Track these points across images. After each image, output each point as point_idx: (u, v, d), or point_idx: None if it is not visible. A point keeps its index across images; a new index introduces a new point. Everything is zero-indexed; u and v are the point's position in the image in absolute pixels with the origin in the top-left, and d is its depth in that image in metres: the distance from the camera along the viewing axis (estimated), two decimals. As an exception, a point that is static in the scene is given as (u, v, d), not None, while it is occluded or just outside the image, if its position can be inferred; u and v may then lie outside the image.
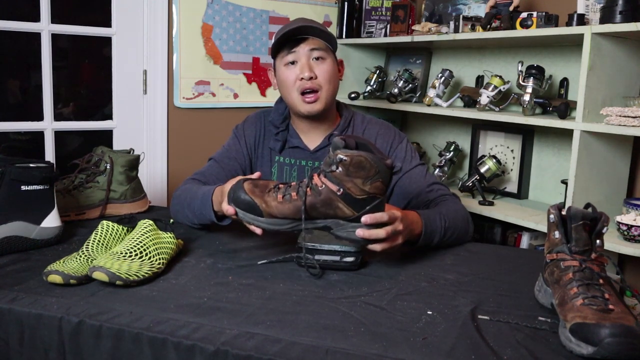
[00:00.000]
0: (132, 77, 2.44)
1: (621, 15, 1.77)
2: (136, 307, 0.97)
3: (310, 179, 1.11)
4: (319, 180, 1.10)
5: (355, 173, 1.08)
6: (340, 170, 1.08)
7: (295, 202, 1.10)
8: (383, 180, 1.11)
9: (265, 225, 1.13)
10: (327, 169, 1.10)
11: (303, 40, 1.47)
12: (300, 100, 1.49)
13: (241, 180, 1.17)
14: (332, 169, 1.09)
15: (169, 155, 2.54)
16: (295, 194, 1.10)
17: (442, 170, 2.52)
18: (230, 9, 2.61)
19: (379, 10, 2.83)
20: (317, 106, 1.49)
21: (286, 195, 1.11)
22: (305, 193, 1.10)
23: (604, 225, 0.98)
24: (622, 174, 2.04)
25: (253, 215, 1.12)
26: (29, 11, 2.25)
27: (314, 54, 1.48)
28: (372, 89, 2.78)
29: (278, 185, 1.14)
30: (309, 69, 1.47)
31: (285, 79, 1.50)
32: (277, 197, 1.11)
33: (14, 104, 2.77)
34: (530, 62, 2.20)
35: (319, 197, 1.10)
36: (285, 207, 1.11)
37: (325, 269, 1.17)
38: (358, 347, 0.86)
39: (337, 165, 1.08)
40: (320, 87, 1.48)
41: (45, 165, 1.28)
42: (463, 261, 1.28)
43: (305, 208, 1.09)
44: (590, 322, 0.85)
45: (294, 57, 1.48)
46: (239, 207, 1.14)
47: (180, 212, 1.44)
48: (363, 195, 1.10)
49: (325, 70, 1.49)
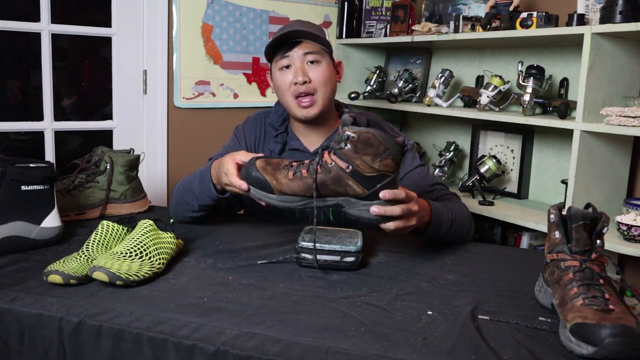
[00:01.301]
0: (132, 77, 2.45)
1: (621, 15, 1.77)
2: (136, 307, 0.97)
3: (320, 157, 1.12)
4: (328, 158, 1.11)
5: (364, 150, 1.07)
6: (349, 147, 1.08)
7: (306, 179, 1.11)
8: (394, 157, 1.10)
9: (276, 202, 1.13)
10: (337, 146, 1.10)
11: (297, 44, 1.47)
12: (296, 105, 1.49)
13: (254, 157, 1.17)
14: (340, 146, 1.09)
15: (169, 155, 2.54)
16: (305, 172, 1.11)
17: (442, 170, 2.52)
18: (230, 9, 2.61)
19: (379, 10, 2.83)
20: (313, 110, 1.48)
21: (297, 172, 1.11)
22: (316, 170, 1.10)
23: (604, 225, 0.98)
24: (622, 174, 2.04)
25: (264, 192, 1.13)
26: (29, 11, 2.25)
27: (308, 58, 1.47)
28: (372, 89, 2.78)
29: (291, 163, 1.14)
30: (303, 73, 1.46)
31: (280, 84, 1.50)
32: (288, 175, 1.12)
33: (14, 104, 2.77)
34: (530, 62, 2.20)
35: (328, 175, 1.10)
36: (295, 184, 1.11)
37: (326, 269, 1.17)
38: (358, 347, 0.86)
39: (345, 142, 1.08)
40: (315, 91, 1.48)
41: (45, 165, 1.28)
42: (463, 261, 1.28)
43: (315, 185, 1.10)
44: (591, 322, 0.85)
45: (288, 62, 1.48)
46: (251, 183, 1.15)
47: (180, 202, 1.44)
48: (373, 172, 1.09)
49: (320, 74, 1.48)
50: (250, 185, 1.15)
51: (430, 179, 1.51)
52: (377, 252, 1.29)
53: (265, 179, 1.13)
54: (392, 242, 1.38)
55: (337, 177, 1.10)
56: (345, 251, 1.17)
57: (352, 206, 1.12)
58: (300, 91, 1.47)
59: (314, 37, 1.46)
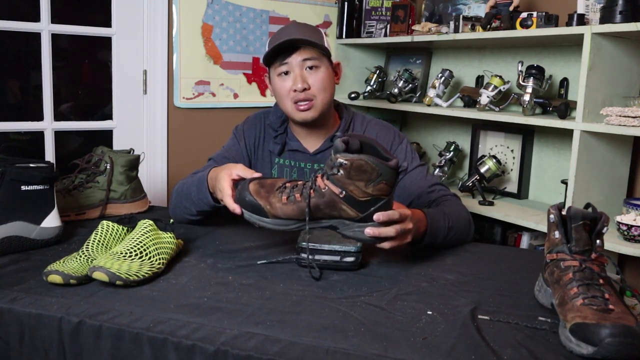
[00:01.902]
0: (132, 77, 2.44)
1: (621, 15, 1.77)
2: (136, 307, 0.97)
3: (314, 181, 1.11)
4: (322, 183, 1.10)
5: (357, 176, 1.07)
6: (342, 173, 1.08)
7: (299, 203, 1.10)
8: (387, 181, 1.09)
9: (271, 225, 1.13)
10: (329, 172, 1.09)
11: (295, 50, 1.46)
12: (294, 109, 1.48)
13: (247, 180, 1.17)
14: (333, 172, 1.08)
15: (169, 155, 2.54)
16: (299, 195, 1.10)
17: (442, 170, 2.52)
18: (230, 9, 2.61)
19: (379, 10, 2.83)
20: (311, 114, 1.48)
21: (290, 196, 1.11)
22: (309, 195, 1.10)
23: (604, 225, 0.98)
24: (622, 174, 2.04)
25: (258, 216, 1.13)
26: (29, 11, 2.25)
27: (307, 64, 1.47)
28: (372, 89, 2.78)
29: (285, 185, 1.14)
30: (302, 80, 1.45)
31: (278, 89, 1.49)
32: (282, 199, 1.11)
33: (14, 104, 2.77)
34: (530, 62, 2.20)
35: (322, 199, 1.09)
36: (289, 208, 1.11)
37: (325, 269, 1.17)
38: (358, 347, 0.86)
39: (337, 169, 1.08)
40: (314, 97, 1.47)
41: (45, 165, 1.28)
42: (463, 261, 1.28)
43: (309, 210, 1.09)
44: (591, 322, 0.85)
45: (287, 68, 1.47)
46: (245, 207, 1.14)
47: (178, 206, 1.44)
48: (366, 197, 1.09)
49: (319, 79, 1.47)
50: (244, 209, 1.15)
51: (430, 179, 1.51)
52: (377, 252, 1.29)
53: (259, 204, 1.12)
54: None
55: (330, 201, 1.09)
56: (345, 251, 1.17)
57: (346, 228, 1.12)
58: (299, 98, 1.46)
59: (312, 43, 1.46)
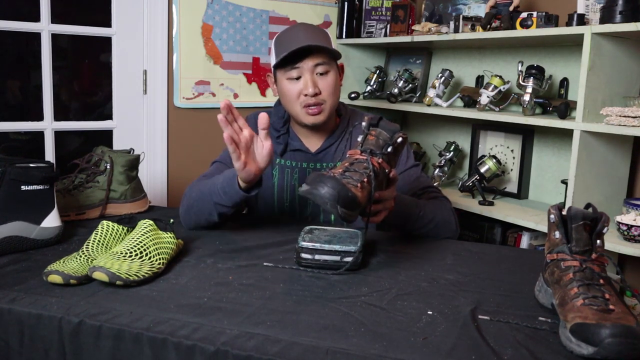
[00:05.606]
0: (132, 77, 2.44)
1: (621, 15, 1.77)
2: (136, 307, 0.97)
3: (370, 163, 1.14)
4: (376, 163, 1.15)
5: (399, 151, 1.22)
6: (391, 150, 1.18)
7: (367, 187, 1.13)
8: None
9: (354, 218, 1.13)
10: (379, 151, 1.17)
11: (307, 55, 1.45)
12: (304, 113, 1.49)
13: (326, 174, 1.09)
14: (384, 152, 1.17)
15: (169, 155, 2.54)
16: (366, 181, 1.12)
17: (442, 170, 2.52)
18: (230, 9, 2.60)
19: (379, 10, 2.83)
20: (321, 118, 1.49)
21: (363, 183, 1.12)
22: (371, 177, 1.13)
23: (604, 225, 0.98)
24: (622, 174, 2.04)
25: (351, 210, 1.08)
26: (29, 11, 2.25)
27: (318, 69, 1.47)
28: (372, 89, 2.78)
29: (343, 173, 1.12)
30: (314, 85, 1.46)
31: (287, 92, 1.49)
32: (358, 186, 1.10)
33: (14, 104, 2.77)
34: (530, 62, 2.20)
35: (377, 179, 1.15)
36: (364, 195, 1.12)
37: (325, 269, 1.17)
38: (358, 347, 0.86)
39: (391, 146, 1.17)
40: (324, 101, 1.48)
41: (45, 165, 1.28)
42: (463, 261, 1.28)
43: (372, 192, 1.13)
44: (591, 322, 0.84)
45: (298, 73, 1.47)
46: (342, 204, 1.06)
47: (194, 206, 1.38)
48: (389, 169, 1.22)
49: (329, 84, 1.48)
50: (341, 207, 1.06)
51: (423, 182, 1.51)
52: (377, 252, 1.29)
53: (356, 195, 1.08)
54: (392, 242, 1.38)
55: (382, 179, 1.18)
56: (345, 251, 1.17)
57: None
58: (310, 103, 1.47)
59: (325, 49, 1.46)
